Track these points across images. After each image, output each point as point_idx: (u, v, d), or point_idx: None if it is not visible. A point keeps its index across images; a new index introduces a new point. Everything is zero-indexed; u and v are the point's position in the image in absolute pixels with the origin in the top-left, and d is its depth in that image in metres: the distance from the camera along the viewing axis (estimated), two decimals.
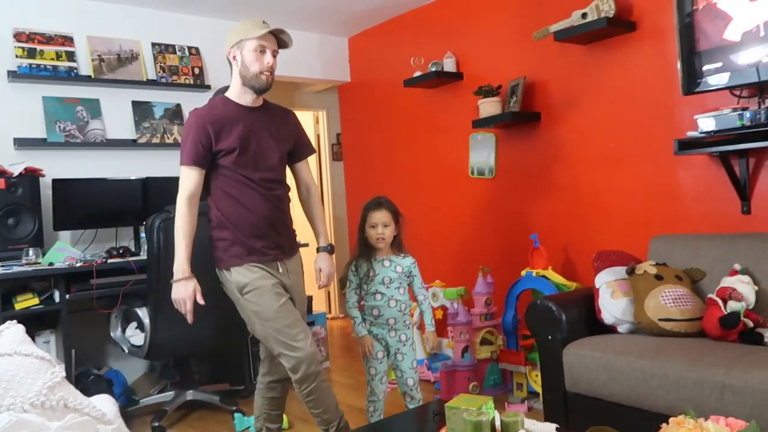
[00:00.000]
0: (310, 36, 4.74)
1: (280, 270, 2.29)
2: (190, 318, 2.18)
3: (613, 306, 2.50)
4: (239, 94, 2.26)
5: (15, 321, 1.50)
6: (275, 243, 2.27)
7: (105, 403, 1.43)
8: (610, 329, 2.53)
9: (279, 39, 2.26)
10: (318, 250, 2.47)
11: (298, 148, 2.41)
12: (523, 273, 3.28)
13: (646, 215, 3.07)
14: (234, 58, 2.23)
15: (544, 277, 3.16)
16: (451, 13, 4.06)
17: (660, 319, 2.36)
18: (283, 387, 2.42)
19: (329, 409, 2.26)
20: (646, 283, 2.47)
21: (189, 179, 2.19)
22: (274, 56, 2.24)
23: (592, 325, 2.55)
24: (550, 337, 2.50)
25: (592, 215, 3.31)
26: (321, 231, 2.47)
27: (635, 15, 3.07)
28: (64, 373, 1.38)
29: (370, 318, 2.54)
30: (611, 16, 3.02)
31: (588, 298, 2.62)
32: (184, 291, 2.15)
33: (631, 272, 2.54)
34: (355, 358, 4.37)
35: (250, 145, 2.22)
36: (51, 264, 3.06)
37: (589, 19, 3.07)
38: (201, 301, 2.18)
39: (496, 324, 3.39)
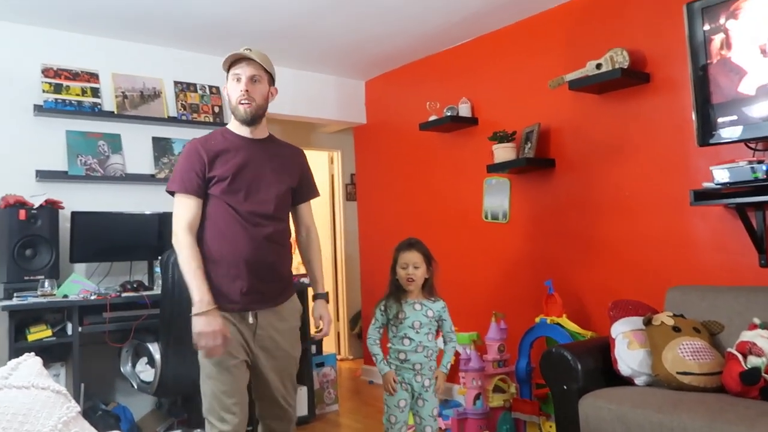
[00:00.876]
0: (327, 78, 4.84)
1: (250, 321, 2.08)
2: (218, 352, 1.98)
3: (629, 357, 2.47)
4: (239, 127, 2.19)
5: (33, 353, 1.50)
6: (252, 288, 2.07)
7: None
8: (627, 381, 2.49)
9: (259, 63, 2.12)
10: (315, 297, 2.31)
11: (302, 188, 2.29)
12: (537, 320, 3.24)
13: (662, 265, 3.05)
14: (226, 92, 2.18)
15: (558, 324, 3.13)
16: (467, 59, 4.14)
17: (678, 373, 2.32)
18: None
19: None
20: (663, 334, 2.44)
21: (184, 208, 2.06)
22: (253, 82, 2.11)
23: (608, 375, 2.51)
24: (565, 387, 2.45)
25: (607, 263, 3.29)
26: (318, 277, 2.32)
27: (649, 67, 3.12)
28: (79, 408, 1.37)
29: (396, 362, 2.49)
30: (625, 67, 3.07)
31: (604, 348, 2.58)
32: (214, 323, 1.96)
33: (648, 323, 2.51)
34: (364, 402, 4.31)
35: (245, 175, 2.10)
36: (65, 296, 3.07)
37: (604, 69, 3.12)
38: (228, 335, 2.00)
39: (509, 371, 3.34)
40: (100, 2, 3.30)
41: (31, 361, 1.46)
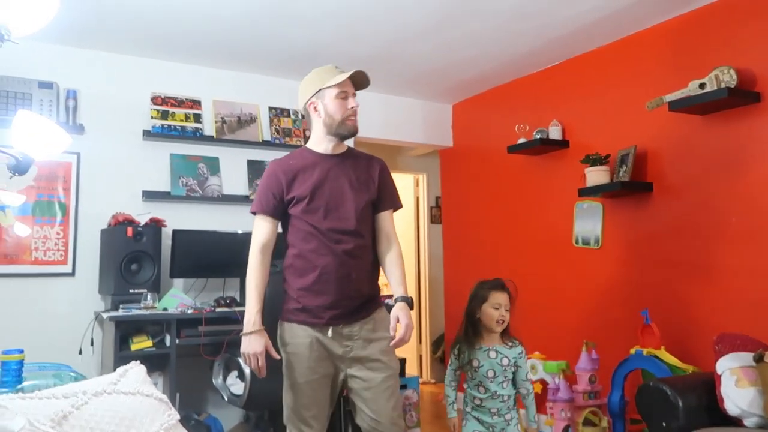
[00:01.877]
0: (414, 102, 4.90)
1: (330, 335, 2.08)
2: (262, 373, 2.05)
3: (738, 396, 2.29)
4: (318, 143, 2.19)
5: (138, 362, 1.59)
6: (335, 303, 2.08)
7: None
8: (735, 422, 2.30)
9: (357, 80, 2.18)
10: (396, 300, 2.15)
11: (382, 197, 2.24)
12: (632, 351, 3.08)
13: None
14: (315, 109, 2.15)
15: (655, 357, 2.95)
16: (558, 81, 4.06)
17: None
18: None
19: None
20: None
21: (260, 229, 2.14)
22: (354, 97, 2.17)
23: (713, 414, 2.34)
24: (664, 425, 2.31)
25: (711, 293, 3.08)
26: (399, 282, 2.18)
27: (759, 85, 2.93)
28: (178, 417, 1.44)
29: (471, 404, 2.43)
30: (732, 86, 2.90)
31: (708, 384, 2.41)
32: (256, 345, 2.03)
33: (759, 359, 2.32)
34: (446, 426, 4.23)
35: (323, 193, 2.11)
36: (165, 309, 3.25)
37: (708, 89, 2.97)
38: (275, 355, 2.06)
39: (601, 404, 3.18)
40: (204, 35, 3.52)
41: (137, 369, 1.55)
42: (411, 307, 2.15)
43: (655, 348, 3.02)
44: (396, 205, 2.31)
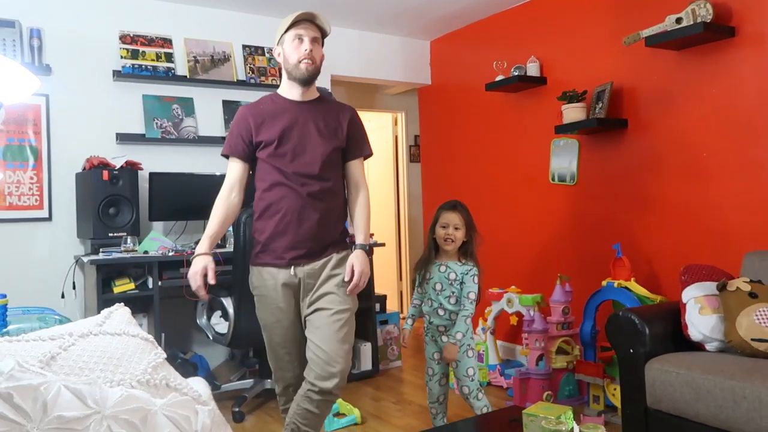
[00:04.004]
0: (391, 39, 4.81)
1: (295, 275, 2.14)
2: (202, 294, 2.13)
3: (701, 322, 2.40)
4: (287, 89, 2.24)
5: (122, 304, 1.62)
6: (298, 244, 2.14)
7: (200, 385, 1.53)
8: (697, 346, 2.43)
9: (320, 27, 2.19)
10: (354, 246, 2.23)
11: (351, 146, 2.27)
12: (604, 283, 3.19)
13: (740, 230, 2.92)
14: (279, 55, 2.22)
15: (626, 288, 3.07)
16: (536, 16, 4.01)
17: (753, 339, 2.25)
18: (325, 403, 2.12)
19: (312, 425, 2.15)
20: (738, 300, 2.36)
21: (229, 170, 2.22)
22: (314, 43, 2.16)
23: (678, 341, 2.46)
24: (632, 351, 2.43)
25: (680, 227, 3.18)
26: (361, 229, 2.26)
27: (735, 20, 2.93)
28: (165, 355, 1.48)
29: (428, 323, 2.61)
30: (708, 21, 2.90)
31: (673, 313, 2.53)
32: (194, 266, 2.11)
33: (722, 288, 2.43)
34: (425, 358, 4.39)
35: (290, 138, 2.16)
36: (146, 252, 3.27)
37: (684, 24, 2.96)
38: (212, 280, 2.11)
39: (574, 334, 3.32)
40: None
41: (122, 311, 1.58)
42: (368, 254, 2.26)
43: (626, 280, 3.13)
44: (365, 153, 2.33)
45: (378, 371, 4.00)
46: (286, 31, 2.17)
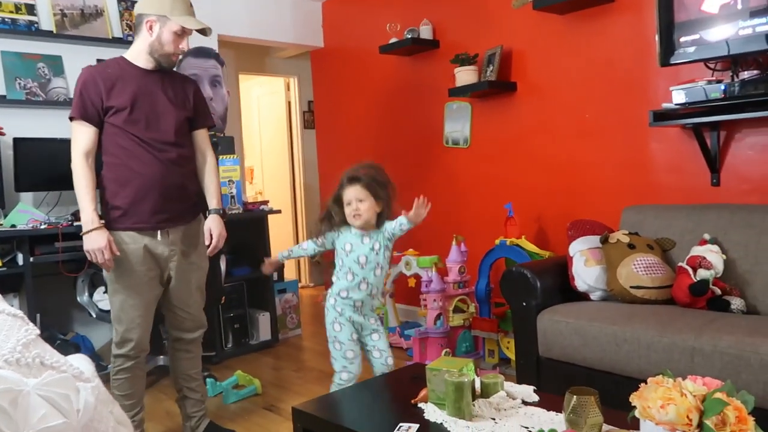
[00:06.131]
0: None
1: (159, 238, 2.23)
2: (109, 266, 2.14)
3: (586, 274, 2.55)
4: (138, 57, 2.24)
5: None
6: (162, 208, 2.21)
7: (82, 362, 1.38)
8: (583, 296, 2.58)
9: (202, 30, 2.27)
10: (208, 212, 2.38)
11: (197, 116, 2.38)
12: (497, 242, 3.30)
13: (619, 186, 3.11)
14: (150, 28, 2.18)
15: (517, 246, 3.19)
16: None
17: (632, 287, 2.42)
18: (193, 344, 2.43)
19: (135, 395, 2.31)
20: (618, 251, 2.51)
21: (82, 136, 2.15)
22: (188, 39, 2.27)
23: (566, 292, 2.60)
24: (524, 304, 2.53)
25: (567, 185, 3.34)
26: (213, 194, 2.40)
27: None
28: (38, 331, 1.32)
29: (336, 296, 2.29)
30: None
31: (562, 266, 2.66)
32: (100, 240, 2.10)
33: (604, 241, 2.58)
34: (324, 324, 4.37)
35: (143, 105, 2.19)
36: (13, 226, 2.95)
37: None
38: (116, 251, 2.14)
39: (469, 292, 3.42)
40: None
41: None
42: (223, 218, 2.40)
43: (517, 238, 3.26)
44: (209, 123, 2.46)
45: (278, 340, 3.93)
46: (174, 20, 2.17)
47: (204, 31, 2.25)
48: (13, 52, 3.42)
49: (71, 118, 2.18)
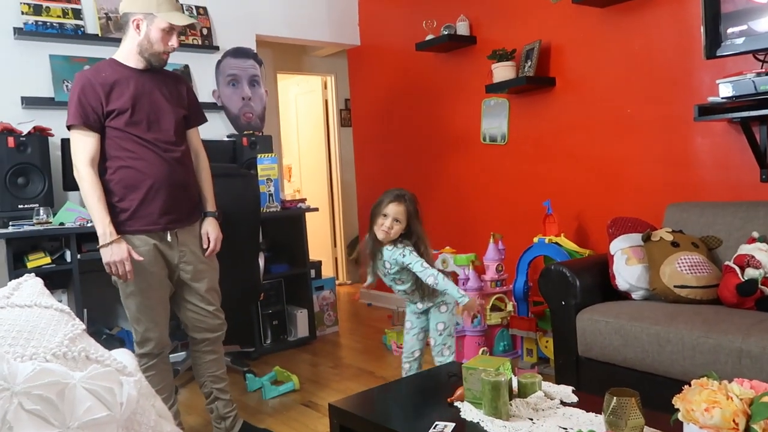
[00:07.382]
0: None
1: (169, 240, 2.21)
2: (130, 278, 2.11)
3: (627, 272, 2.49)
4: (129, 58, 2.18)
5: (33, 274, 1.49)
6: (170, 208, 2.19)
7: (125, 357, 1.43)
8: (624, 296, 2.52)
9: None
10: (205, 215, 2.35)
11: (191, 114, 2.35)
12: (535, 240, 3.26)
13: (663, 182, 3.03)
14: (138, 27, 2.13)
15: (556, 244, 3.14)
16: None
17: (675, 286, 2.35)
18: (217, 344, 2.41)
19: (166, 389, 2.31)
20: (661, 250, 2.45)
21: (84, 144, 2.10)
22: (179, 37, 2.24)
23: (606, 291, 2.54)
24: (563, 303, 2.49)
25: (607, 182, 3.28)
26: (208, 197, 2.38)
27: None
28: (84, 326, 1.37)
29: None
30: None
31: (602, 265, 2.61)
32: (120, 252, 2.07)
33: (646, 239, 2.52)
34: (363, 323, 4.40)
35: (143, 106, 2.16)
36: (62, 224, 3.05)
37: None
38: (138, 258, 2.11)
39: (507, 290, 3.39)
40: None
41: (32, 282, 1.45)
42: (218, 220, 2.38)
43: (556, 235, 3.20)
44: (202, 120, 2.44)
45: (315, 337, 3.97)
46: (161, 17, 2.13)
47: (192, 27, 2.25)
48: (61, 55, 3.53)
49: (70, 127, 2.11)
